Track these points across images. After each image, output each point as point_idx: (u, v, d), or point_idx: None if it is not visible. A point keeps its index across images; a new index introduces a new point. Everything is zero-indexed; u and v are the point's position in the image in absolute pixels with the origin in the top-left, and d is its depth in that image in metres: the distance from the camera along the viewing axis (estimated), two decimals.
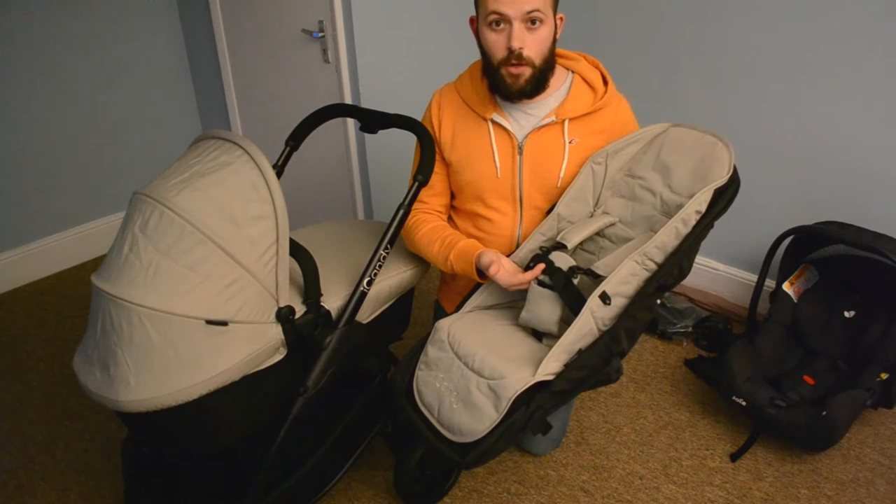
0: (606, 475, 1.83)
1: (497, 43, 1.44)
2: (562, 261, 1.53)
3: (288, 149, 1.70)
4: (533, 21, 1.42)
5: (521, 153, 1.59)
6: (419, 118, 1.62)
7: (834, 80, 2.05)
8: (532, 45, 1.44)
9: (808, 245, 2.10)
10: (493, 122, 1.58)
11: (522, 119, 1.58)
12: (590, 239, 1.65)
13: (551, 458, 1.88)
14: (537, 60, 1.47)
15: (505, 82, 1.48)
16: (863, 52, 1.97)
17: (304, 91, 2.58)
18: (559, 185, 1.61)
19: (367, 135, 2.32)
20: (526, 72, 1.47)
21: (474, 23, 1.51)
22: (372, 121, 1.62)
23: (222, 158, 1.30)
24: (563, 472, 1.84)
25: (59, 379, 2.24)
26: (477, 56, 1.61)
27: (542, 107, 1.58)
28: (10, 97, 2.61)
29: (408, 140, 1.76)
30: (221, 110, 3.01)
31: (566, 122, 1.58)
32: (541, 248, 1.59)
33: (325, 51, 2.41)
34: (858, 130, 2.06)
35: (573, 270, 1.50)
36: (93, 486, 1.84)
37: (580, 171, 1.61)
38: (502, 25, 1.42)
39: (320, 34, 2.38)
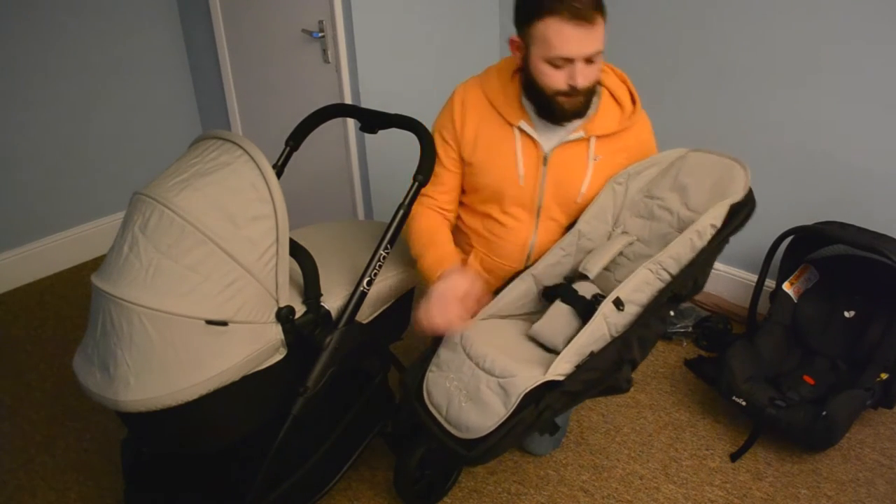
0: (606, 475, 1.83)
1: (556, 77, 1.42)
2: (585, 290, 1.55)
3: (288, 149, 1.70)
4: (592, 58, 1.41)
5: (545, 164, 1.56)
6: (419, 118, 1.62)
7: (834, 81, 2.05)
8: (591, 76, 1.44)
9: (808, 245, 2.10)
10: (520, 130, 1.55)
11: (549, 131, 1.55)
12: None
13: (551, 458, 1.88)
14: (591, 86, 1.47)
15: (562, 108, 1.47)
16: (863, 53, 1.97)
17: (304, 91, 2.58)
18: (579, 200, 1.60)
19: (367, 135, 2.31)
20: (581, 98, 1.47)
21: (517, 46, 1.48)
22: (372, 121, 1.62)
23: (222, 158, 1.30)
24: (563, 472, 1.84)
25: (59, 379, 2.24)
26: (477, 56, 1.60)
27: (570, 122, 1.55)
28: (10, 97, 2.61)
29: (408, 140, 1.75)
30: (221, 110, 3.01)
31: (592, 140, 1.55)
32: (564, 278, 1.61)
33: (325, 51, 2.41)
34: (859, 131, 2.06)
35: (597, 298, 1.52)
36: (93, 486, 1.84)
37: (602, 190, 1.62)
38: (562, 63, 1.41)
39: (320, 34, 2.38)
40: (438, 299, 1.45)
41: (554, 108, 1.47)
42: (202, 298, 1.21)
